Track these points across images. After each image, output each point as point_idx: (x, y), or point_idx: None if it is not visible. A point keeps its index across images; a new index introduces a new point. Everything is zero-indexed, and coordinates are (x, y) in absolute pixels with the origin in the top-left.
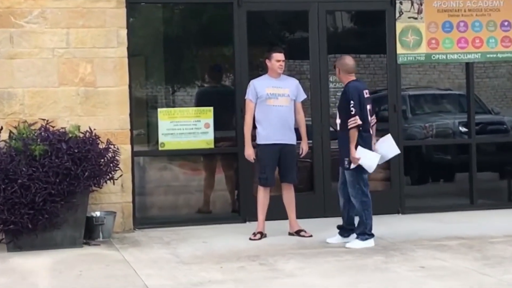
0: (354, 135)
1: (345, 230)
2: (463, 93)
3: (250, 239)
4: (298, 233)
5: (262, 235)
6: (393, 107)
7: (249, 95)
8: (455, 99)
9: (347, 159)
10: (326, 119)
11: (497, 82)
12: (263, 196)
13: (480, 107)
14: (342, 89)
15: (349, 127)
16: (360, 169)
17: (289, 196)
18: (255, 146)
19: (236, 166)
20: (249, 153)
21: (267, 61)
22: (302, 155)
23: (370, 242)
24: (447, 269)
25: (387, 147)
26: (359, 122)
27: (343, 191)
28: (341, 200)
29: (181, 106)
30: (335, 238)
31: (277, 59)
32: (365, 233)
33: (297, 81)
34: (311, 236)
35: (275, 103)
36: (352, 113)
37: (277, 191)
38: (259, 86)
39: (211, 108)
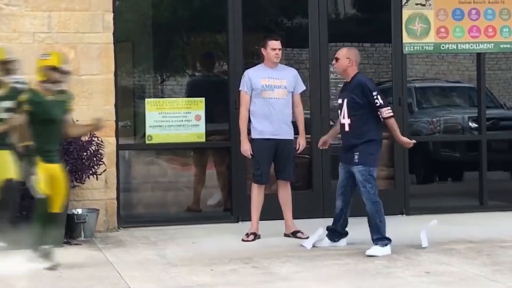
0: (394, 122)
1: (337, 234)
2: (474, 86)
3: (243, 240)
4: (294, 234)
5: (256, 236)
6: (398, 100)
7: (244, 87)
8: (465, 92)
9: (357, 153)
10: (326, 112)
11: (510, 74)
12: (257, 194)
13: (491, 101)
14: (351, 83)
15: (386, 116)
16: (371, 165)
17: (285, 194)
18: (250, 140)
19: (229, 161)
20: (246, 148)
21: (262, 49)
22: (299, 151)
23: (388, 249)
24: (454, 274)
25: None
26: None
27: (344, 193)
28: (339, 202)
29: (171, 97)
30: (324, 242)
31: (273, 47)
32: (384, 237)
33: (295, 71)
34: (308, 237)
35: (271, 96)
36: (377, 105)
37: (273, 189)
38: (254, 77)
39: (203, 99)
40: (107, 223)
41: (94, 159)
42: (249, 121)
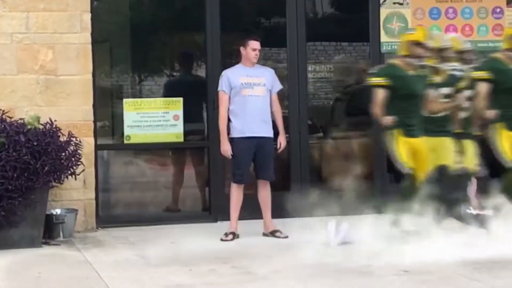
0: None
1: None
2: None
3: (222, 240)
4: (273, 233)
5: (235, 235)
6: None
7: (223, 87)
8: None
9: None
10: (304, 111)
11: None
12: (237, 194)
13: None
14: None
15: None
16: None
17: (265, 194)
18: (230, 140)
19: (207, 161)
20: (226, 148)
21: (242, 48)
22: (280, 150)
23: None
24: (433, 273)
25: None
26: None
27: None
28: None
29: (149, 97)
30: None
31: (253, 47)
32: None
33: (272, 71)
34: (286, 237)
35: (250, 93)
36: None
37: (251, 189)
38: (232, 76)
39: (181, 99)
40: (85, 223)
41: (73, 159)
42: (229, 120)
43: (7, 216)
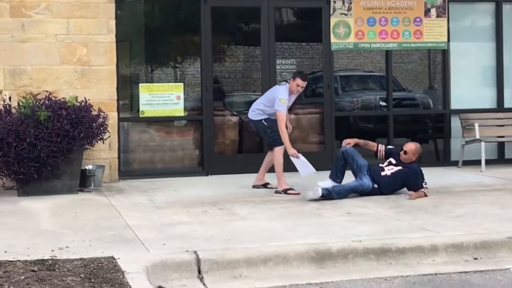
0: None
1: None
2: (383, 75)
3: (288, 193)
4: (265, 185)
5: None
6: (327, 85)
7: (282, 109)
8: (377, 79)
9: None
10: None
11: (410, 66)
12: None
13: (396, 86)
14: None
15: None
16: None
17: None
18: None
19: (201, 130)
20: (293, 152)
21: (291, 79)
22: None
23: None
24: (369, 215)
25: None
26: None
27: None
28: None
29: (158, 82)
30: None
31: (298, 83)
32: None
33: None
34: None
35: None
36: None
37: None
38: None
39: (182, 84)
40: (110, 176)
41: (101, 128)
42: (264, 106)
43: (52, 170)
